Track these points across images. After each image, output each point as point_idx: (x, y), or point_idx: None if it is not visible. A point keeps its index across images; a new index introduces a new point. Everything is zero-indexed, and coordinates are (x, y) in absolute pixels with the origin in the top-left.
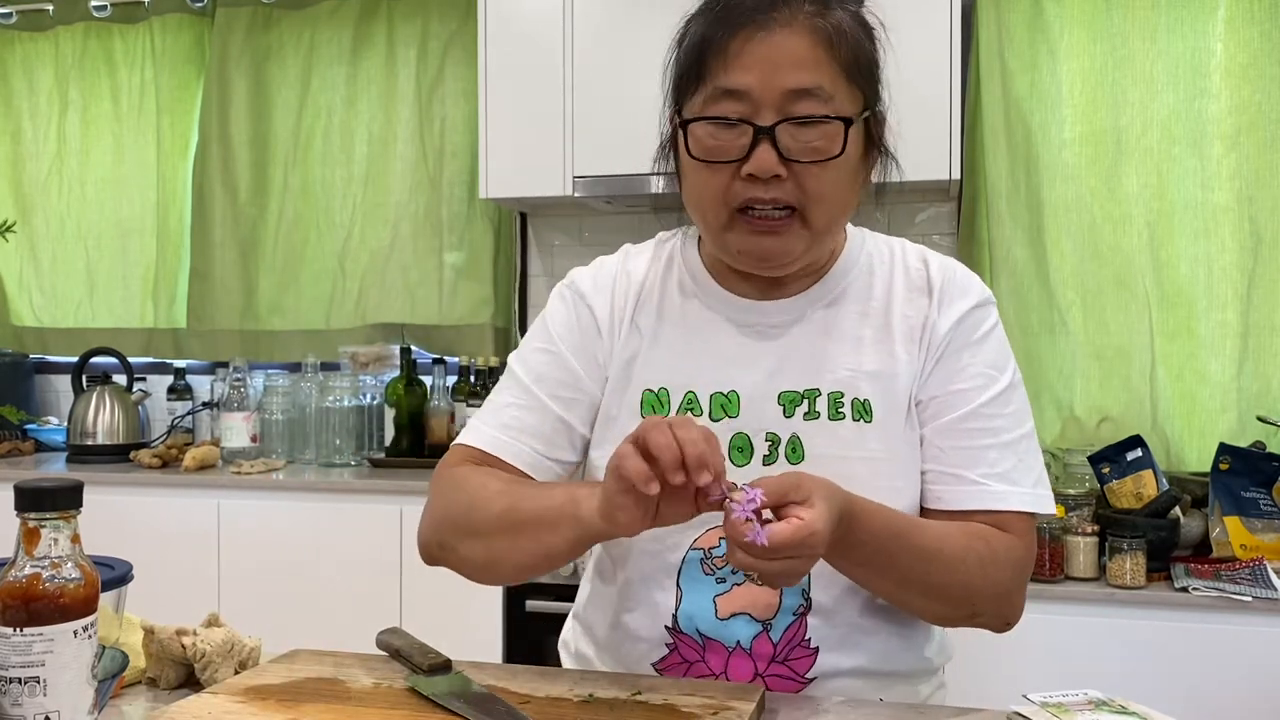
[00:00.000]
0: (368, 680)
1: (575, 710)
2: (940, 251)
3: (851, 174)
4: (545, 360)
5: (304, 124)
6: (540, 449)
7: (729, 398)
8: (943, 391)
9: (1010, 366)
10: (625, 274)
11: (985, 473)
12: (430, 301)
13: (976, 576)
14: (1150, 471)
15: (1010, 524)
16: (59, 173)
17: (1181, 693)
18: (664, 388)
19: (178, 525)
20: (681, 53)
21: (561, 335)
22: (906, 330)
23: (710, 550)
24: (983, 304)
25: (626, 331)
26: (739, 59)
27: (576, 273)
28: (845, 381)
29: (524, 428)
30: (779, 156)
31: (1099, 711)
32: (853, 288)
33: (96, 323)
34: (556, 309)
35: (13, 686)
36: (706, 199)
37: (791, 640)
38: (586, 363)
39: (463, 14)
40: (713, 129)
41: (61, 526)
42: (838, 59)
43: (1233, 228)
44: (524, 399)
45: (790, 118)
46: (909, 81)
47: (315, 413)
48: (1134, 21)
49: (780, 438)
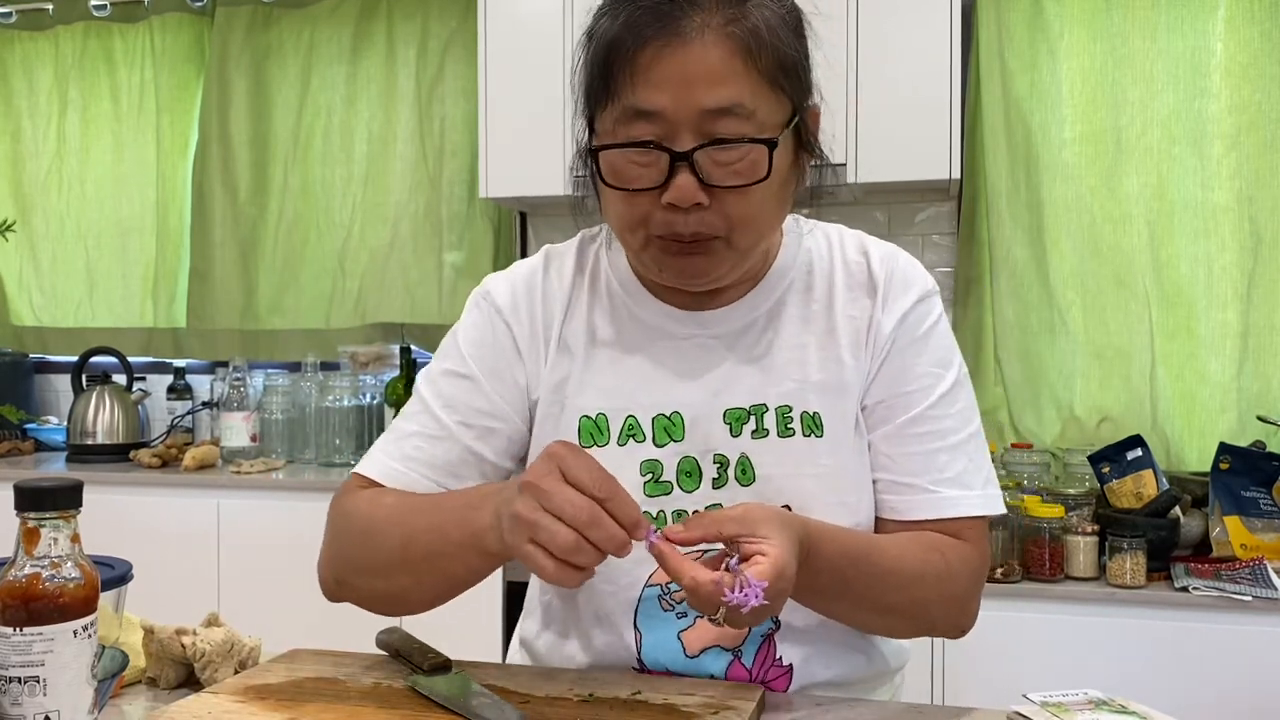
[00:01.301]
0: (368, 680)
1: (575, 710)
2: (940, 252)
3: (780, 188)
4: (456, 385)
5: (304, 123)
6: (443, 481)
7: (672, 420)
8: (889, 395)
9: (955, 361)
10: (547, 284)
11: (936, 479)
12: (430, 301)
13: (933, 591)
14: (1150, 471)
15: (963, 530)
16: (59, 172)
17: (1181, 693)
18: (601, 413)
19: (177, 525)
20: (589, 57)
21: (475, 355)
22: (852, 333)
23: (667, 585)
24: (926, 296)
25: (554, 351)
26: (648, 75)
27: (493, 281)
28: (793, 394)
29: (426, 459)
30: (699, 183)
31: (1099, 711)
32: (792, 289)
33: (96, 322)
34: (470, 324)
35: (12, 686)
36: (625, 227)
37: (765, 662)
38: (504, 387)
39: (462, 13)
40: (626, 154)
41: (61, 526)
42: (757, 68)
43: (1233, 227)
44: (430, 427)
45: (710, 141)
46: (909, 81)
47: (315, 412)
48: (1134, 21)
49: (729, 459)
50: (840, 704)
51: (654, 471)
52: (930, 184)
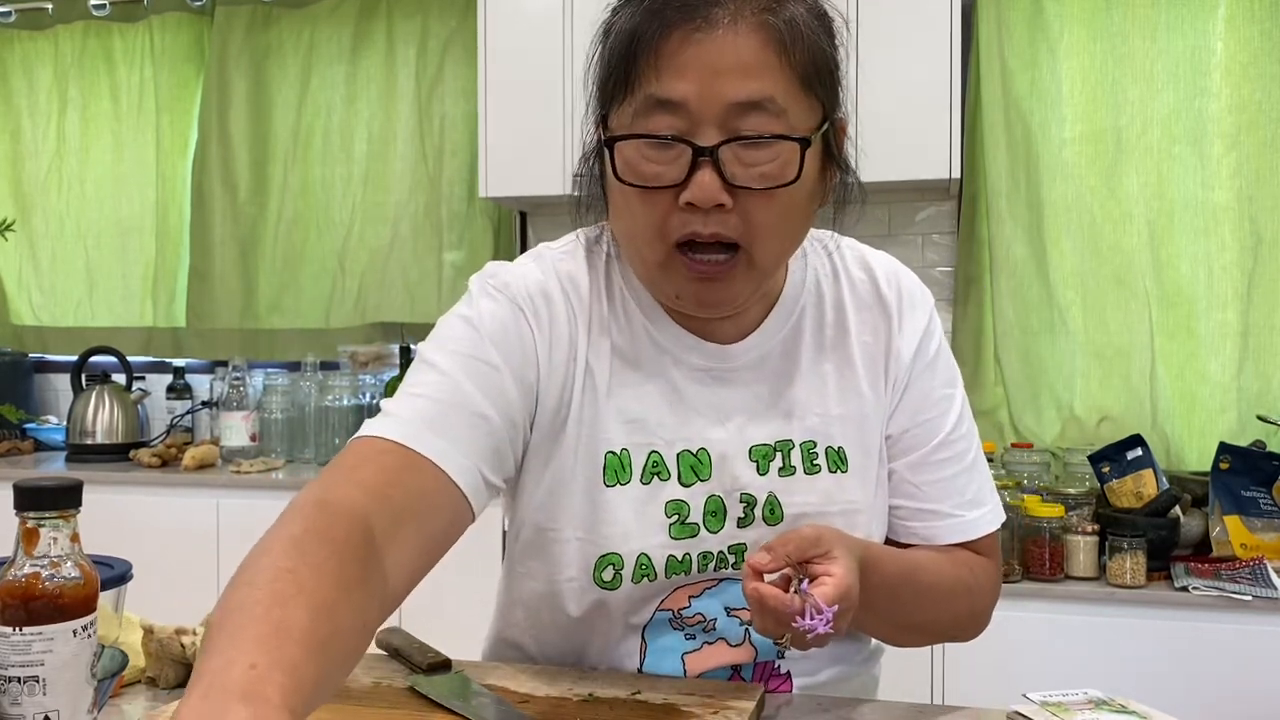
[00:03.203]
0: (368, 680)
1: (575, 710)
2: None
3: (805, 200)
4: (483, 372)
5: (303, 123)
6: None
7: (699, 458)
8: (912, 424)
9: (956, 372)
10: (567, 299)
11: (959, 502)
12: (430, 301)
13: (963, 606)
14: (1150, 471)
15: (983, 547)
16: (58, 171)
17: (1181, 693)
18: (625, 448)
19: (177, 525)
20: (607, 50)
21: (500, 345)
22: (869, 361)
23: (680, 611)
24: (930, 312)
25: (580, 373)
26: (674, 62)
27: (507, 273)
28: (816, 429)
29: (469, 440)
30: (723, 182)
31: (1099, 711)
32: (807, 314)
33: (96, 322)
34: (489, 314)
35: (12, 686)
36: (639, 232)
37: (763, 674)
38: (523, 390)
39: (462, 12)
40: (644, 149)
41: (61, 526)
42: (792, 64)
43: (1233, 227)
44: (457, 397)
45: (736, 137)
46: (909, 81)
47: (315, 412)
48: (1134, 20)
49: (756, 499)
50: (840, 704)
51: (680, 513)
52: (930, 183)
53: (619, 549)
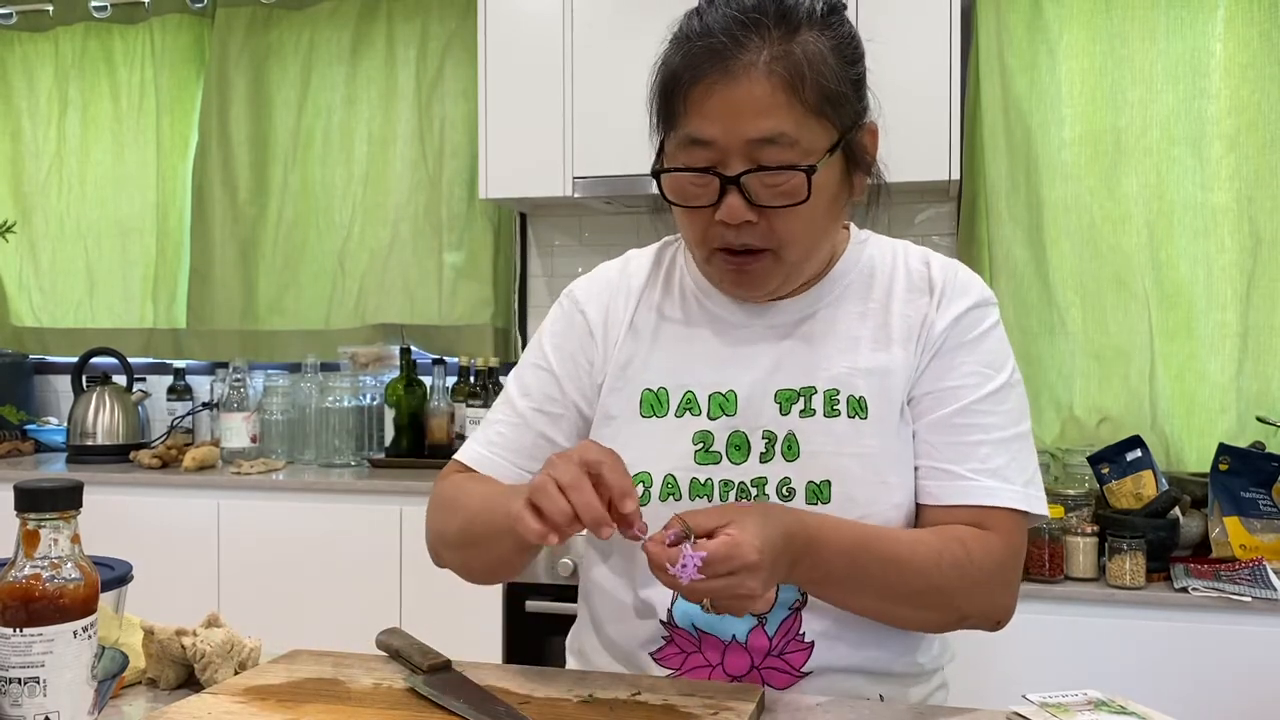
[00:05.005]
0: (368, 680)
1: (575, 710)
2: (940, 252)
3: (826, 206)
4: (535, 375)
5: (303, 124)
6: (524, 465)
7: (727, 397)
8: (935, 388)
9: (1009, 366)
10: (624, 279)
11: (976, 468)
12: (430, 301)
13: (953, 579)
14: (1150, 472)
15: (997, 521)
16: (59, 172)
17: (1181, 693)
18: (663, 387)
19: (177, 525)
20: (658, 82)
21: (555, 345)
22: (905, 329)
23: None
24: (982, 304)
25: (624, 335)
26: (701, 108)
27: (575, 282)
28: (841, 379)
29: (508, 445)
30: (747, 203)
31: (1099, 711)
32: (851, 289)
33: (96, 323)
34: (551, 320)
35: (12, 687)
36: (689, 238)
37: (787, 634)
38: (575, 370)
39: (462, 13)
40: (685, 177)
41: (61, 527)
42: (802, 100)
43: (1232, 228)
44: (509, 415)
45: (757, 167)
46: (909, 81)
47: (315, 413)
48: (1133, 21)
49: (776, 435)
50: (840, 704)
51: (705, 441)
52: (930, 184)
53: (650, 468)
